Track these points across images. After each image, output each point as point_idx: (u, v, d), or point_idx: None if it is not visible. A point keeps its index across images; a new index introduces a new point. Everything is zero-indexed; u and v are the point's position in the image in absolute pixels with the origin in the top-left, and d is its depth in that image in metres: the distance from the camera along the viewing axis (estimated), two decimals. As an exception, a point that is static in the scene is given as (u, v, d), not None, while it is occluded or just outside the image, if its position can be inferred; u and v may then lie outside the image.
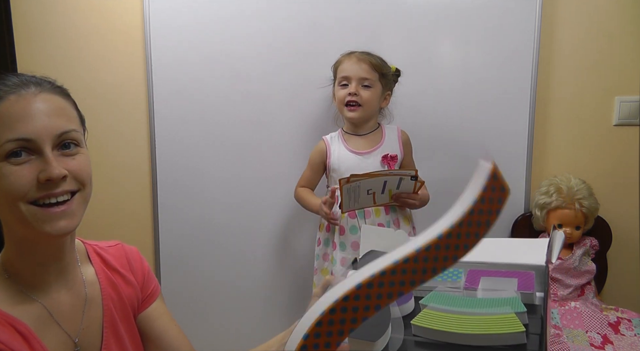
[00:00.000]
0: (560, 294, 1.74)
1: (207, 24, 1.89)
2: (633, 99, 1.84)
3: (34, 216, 0.71)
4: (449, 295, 0.82)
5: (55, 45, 1.95)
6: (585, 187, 1.76)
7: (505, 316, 0.71)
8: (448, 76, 1.87)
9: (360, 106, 1.62)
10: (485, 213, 0.55)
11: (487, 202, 0.55)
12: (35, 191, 0.70)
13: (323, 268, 1.72)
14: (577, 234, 1.76)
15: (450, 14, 1.83)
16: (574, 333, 1.62)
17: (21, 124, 0.70)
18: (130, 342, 0.90)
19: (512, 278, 0.85)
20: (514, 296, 0.78)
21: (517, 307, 0.73)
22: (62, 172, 0.71)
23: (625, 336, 1.60)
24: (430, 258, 0.54)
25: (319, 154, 1.73)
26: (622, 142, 1.88)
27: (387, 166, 1.65)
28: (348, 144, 1.70)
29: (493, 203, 0.55)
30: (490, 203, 0.55)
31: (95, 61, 1.96)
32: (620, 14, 1.82)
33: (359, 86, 1.60)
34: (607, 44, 1.83)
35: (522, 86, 1.84)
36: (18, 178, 0.69)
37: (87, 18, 1.93)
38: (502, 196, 0.55)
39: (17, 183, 0.69)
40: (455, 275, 0.90)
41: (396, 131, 1.73)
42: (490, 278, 0.86)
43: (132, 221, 2.01)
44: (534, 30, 1.81)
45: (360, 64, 1.60)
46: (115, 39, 1.94)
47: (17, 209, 0.70)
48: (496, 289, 0.82)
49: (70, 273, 0.82)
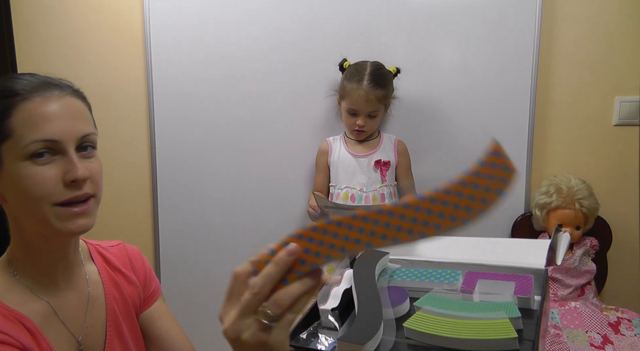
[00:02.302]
0: (560, 294, 1.74)
1: (207, 24, 1.89)
2: (633, 99, 1.84)
3: (56, 216, 0.72)
4: (444, 298, 0.82)
5: (55, 45, 1.96)
6: (585, 187, 1.75)
7: (499, 322, 0.71)
8: (448, 76, 1.87)
9: (365, 132, 1.74)
10: (482, 189, 0.52)
11: (485, 177, 0.53)
12: (61, 194, 0.71)
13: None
14: (577, 234, 1.76)
15: (450, 14, 1.83)
16: (574, 333, 1.62)
17: (47, 125, 0.71)
18: (133, 341, 0.91)
19: (510, 281, 0.84)
20: (510, 301, 0.77)
21: (511, 312, 0.73)
22: (86, 174, 0.73)
23: (625, 336, 1.60)
24: (407, 217, 0.53)
25: (323, 153, 1.82)
26: (622, 142, 1.88)
27: (380, 170, 1.74)
28: (348, 146, 1.78)
29: (493, 180, 0.52)
30: (490, 180, 0.52)
31: (95, 61, 1.96)
32: (620, 13, 1.82)
33: (366, 118, 1.70)
34: (607, 44, 1.83)
35: (522, 86, 1.84)
36: (44, 179, 0.70)
37: (87, 18, 1.93)
38: (506, 176, 0.52)
39: (43, 184, 0.70)
40: (452, 277, 0.89)
41: (393, 140, 1.81)
42: (488, 281, 0.85)
43: (132, 221, 2.01)
44: (534, 30, 1.81)
45: (369, 102, 1.66)
46: (115, 39, 1.94)
47: (39, 209, 0.71)
48: (493, 292, 0.81)
49: (74, 272, 0.83)
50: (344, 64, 1.76)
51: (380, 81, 1.67)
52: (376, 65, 1.71)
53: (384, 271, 0.93)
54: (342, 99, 1.72)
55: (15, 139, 0.70)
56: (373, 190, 1.72)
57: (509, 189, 0.52)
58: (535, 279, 0.84)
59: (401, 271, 0.93)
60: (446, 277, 0.89)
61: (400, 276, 0.91)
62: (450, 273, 0.90)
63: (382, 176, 1.74)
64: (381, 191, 1.73)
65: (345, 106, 1.71)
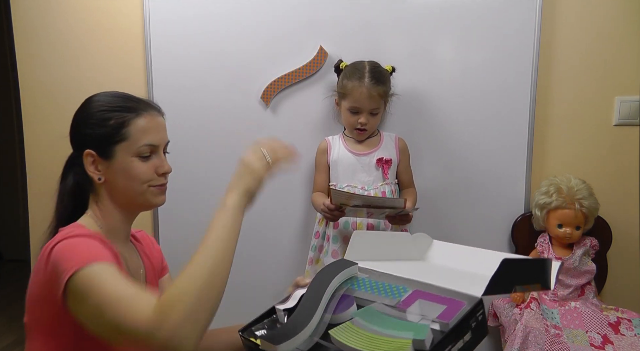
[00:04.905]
0: (560, 294, 1.74)
1: (208, 24, 1.89)
2: (633, 99, 1.84)
3: (151, 193, 1.06)
4: (378, 313, 0.86)
5: (55, 45, 1.96)
6: (585, 187, 1.75)
7: (402, 341, 0.76)
8: (448, 76, 1.87)
9: (367, 130, 1.74)
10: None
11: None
12: (155, 180, 1.05)
13: (317, 259, 1.81)
14: (577, 234, 1.76)
15: (450, 14, 1.83)
16: (574, 333, 1.62)
17: (153, 135, 1.04)
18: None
19: (441, 304, 0.85)
20: (426, 324, 0.81)
21: (419, 334, 0.77)
22: (170, 169, 1.09)
23: (625, 336, 1.60)
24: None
25: (322, 153, 1.82)
26: (622, 142, 1.88)
27: (382, 168, 1.74)
28: (347, 145, 1.78)
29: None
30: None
31: (95, 61, 1.96)
32: (620, 14, 1.82)
33: (369, 115, 1.70)
34: (607, 44, 1.84)
35: (522, 86, 1.84)
36: (145, 170, 1.04)
37: (87, 18, 1.94)
38: None
39: (144, 174, 1.04)
40: (398, 293, 0.91)
41: (394, 138, 1.81)
42: (424, 301, 0.87)
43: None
44: (534, 30, 1.81)
45: (372, 99, 1.67)
46: (115, 39, 1.94)
47: (139, 188, 1.04)
48: (419, 314, 0.85)
49: (129, 238, 1.14)
50: (340, 65, 1.77)
51: (381, 78, 1.68)
52: (374, 63, 1.72)
53: (351, 279, 0.98)
54: (343, 98, 1.72)
55: (130, 141, 1.01)
56: (374, 188, 1.72)
57: None
58: (467, 305, 0.83)
59: (363, 282, 0.97)
60: (394, 292, 0.92)
61: (359, 286, 0.96)
62: (400, 287, 0.93)
63: (383, 174, 1.74)
64: (382, 189, 1.73)
65: (346, 105, 1.71)
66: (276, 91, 1.89)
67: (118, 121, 1.02)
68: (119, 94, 1.07)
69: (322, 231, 1.79)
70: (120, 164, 1.02)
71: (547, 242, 1.81)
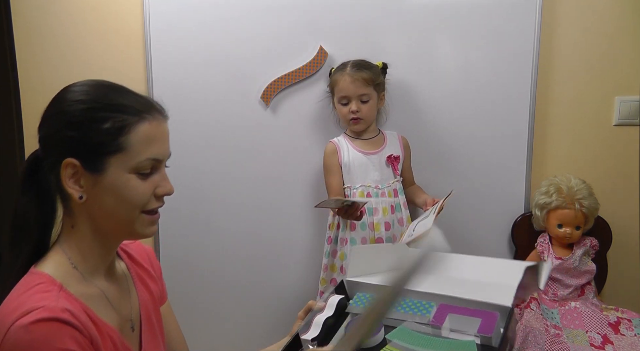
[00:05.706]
0: (560, 294, 1.74)
1: (208, 24, 1.89)
2: (633, 99, 1.84)
3: (142, 222, 0.81)
4: (413, 332, 0.86)
5: (55, 45, 1.95)
6: (585, 187, 1.75)
7: None
8: (448, 77, 1.87)
9: (362, 119, 1.72)
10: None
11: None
12: (151, 203, 0.81)
13: (332, 265, 1.79)
14: (577, 234, 1.76)
15: (450, 15, 1.83)
16: (574, 333, 1.62)
17: (157, 147, 0.81)
18: (159, 332, 0.95)
19: (476, 318, 0.86)
20: (471, 340, 0.81)
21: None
22: (173, 189, 0.84)
23: (625, 336, 1.60)
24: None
25: (332, 154, 1.78)
26: (622, 142, 1.87)
27: (392, 166, 1.75)
28: (355, 145, 1.78)
29: None
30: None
31: (95, 61, 1.96)
32: (620, 14, 1.82)
33: (358, 102, 1.69)
34: (607, 44, 1.83)
35: (522, 87, 1.84)
36: (144, 191, 0.79)
37: (87, 18, 1.93)
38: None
39: (141, 196, 0.79)
40: (426, 309, 0.91)
41: (396, 136, 1.83)
42: (456, 316, 0.88)
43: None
44: (534, 30, 1.81)
45: (356, 83, 1.68)
46: (115, 39, 1.94)
47: (129, 214, 0.80)
48: (458, 329, 0.85)
49: (114, 265, 0.89)
50: (331, 70, 1.80)
51: (364, 65, 1.72)
52: (359, 59, 1.76)
53: (363, 297, 0.98)
54: (333, 93, 1.75)
55: (128, 154, 0.77)
56: (387, 186, 1.73)
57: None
58: (500, 316, 0.86)
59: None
60: (420, 309, 0.91)
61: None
62: (425, 304, 0.93)
63: (394, 171, 1.76)
64: (394, 186, 1.74)
65: (337, 98, 1.73)
66: (276, 91, 1.89)
67: (115, 124, 0.77)
68: (114, 86, 0.84)
69: (334, 236, 1.77)
70: (111, 181, 0.77)
71: (547, 242, 1.81)
